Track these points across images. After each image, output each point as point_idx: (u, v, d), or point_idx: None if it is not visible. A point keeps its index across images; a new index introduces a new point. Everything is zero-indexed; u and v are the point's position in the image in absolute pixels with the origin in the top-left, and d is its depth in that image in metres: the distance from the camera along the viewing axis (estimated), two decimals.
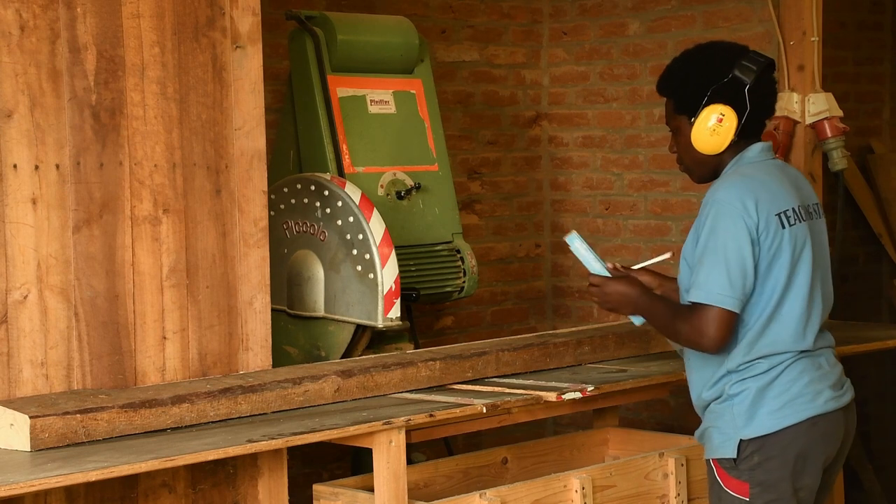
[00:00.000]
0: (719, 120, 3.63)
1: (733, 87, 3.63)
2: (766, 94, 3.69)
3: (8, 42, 3.51)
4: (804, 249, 3.62)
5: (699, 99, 3.66)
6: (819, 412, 3.59)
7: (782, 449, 3.56)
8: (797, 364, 3.60)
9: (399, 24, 5.20)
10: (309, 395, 3.82)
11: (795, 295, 3.60)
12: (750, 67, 3.64)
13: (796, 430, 3.56)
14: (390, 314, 4.48)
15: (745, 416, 3.58)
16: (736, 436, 3.58)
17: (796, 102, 5.54)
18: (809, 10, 5.50)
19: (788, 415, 3.56)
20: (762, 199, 3.57)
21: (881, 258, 6.86)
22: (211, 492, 3.75)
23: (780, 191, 3.63)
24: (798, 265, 3.61)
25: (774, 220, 3.57)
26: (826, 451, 3.64)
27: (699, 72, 3.70)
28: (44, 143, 3.57)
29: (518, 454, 4.44)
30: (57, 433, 3.34)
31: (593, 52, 6.66)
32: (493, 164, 6.54)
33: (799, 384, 3.59)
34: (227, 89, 3.91)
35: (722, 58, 3.69)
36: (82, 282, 3.63)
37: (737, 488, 3.60)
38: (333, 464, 5.56)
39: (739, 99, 3.63)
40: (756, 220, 3.53)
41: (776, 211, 3.58)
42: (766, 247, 3.55)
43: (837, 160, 5.58)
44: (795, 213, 3.62)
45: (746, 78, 3.63)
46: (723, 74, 3.65)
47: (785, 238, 3.58)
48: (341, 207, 4.55)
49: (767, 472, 3.57)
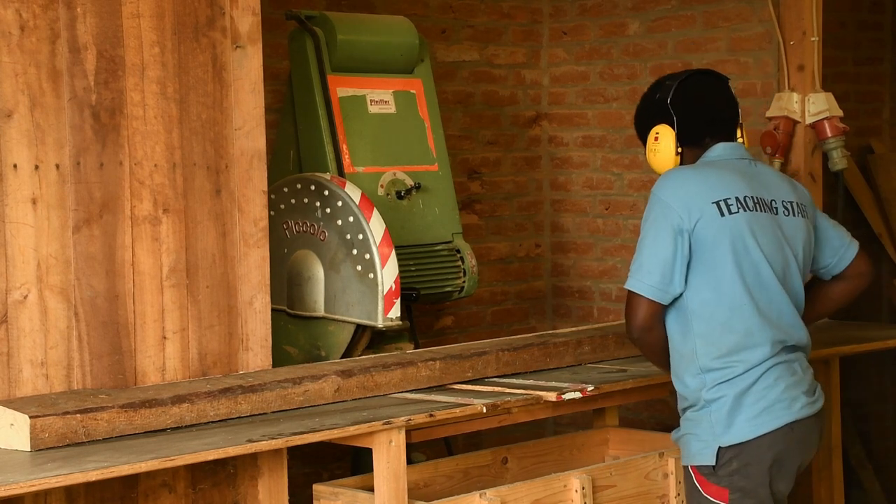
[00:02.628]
0: (655, 138, 3.85)
1: (659, 105, 3.85)
2: (690, 99, 3.84)
3: (8, 42, 3.51)
4: (761, 237, 3.67)
5: (646, 126, 3.91)
6: (795, 418, 3.65)
7: (760, 455, 3.62)
8: (773, 371, 3.65)
9: (399, 24, 5.20)
10: (309, 394, 3.82)
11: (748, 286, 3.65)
12: (668, 85, 3.86)
13: (773, 437, 3.62)
14: (390, 314, 4.48)
15: (723, 424, 3.63)
16: (715, 443, 3.63)
17: (796, 102, 5.54)
18: (809, 10, 5.50)
19: (766, 421, 3.62)
20: (698, 189, 3.66)
21: (881, 258, 6.85)
22: (211, 492, 3.75)
23: (723, 181, 3.70)
24: (751, 253, 3.65)
25: (712, 208, 3.64)
26: (801, 456, 3.71)
27: (641, 104, 3.97)
28: (44, 143, 3.57)
29: (518, 454, 4.44)
30: (57, 433, 3.34)
31: (593, 52, 6.66)
32: (493, 164, 6.54)
33: (776, 390, 3.64)
34: (227, 89, 3.91)
35: (652, 89, 3.94)
36: (82, 282, 3.63)
37: (716, 494, 3.66)
38: (333, 464, 5.56)
39: (666, 113, 3.83)
40: (689, 212, 3.62)
41: (714, 198, 3.65)
42: (703, 234, 3.62)
43: (837, 160, 5.58)
44: (741, 201, 3.68)
45: (664, 94, 3.84)
46: (651, 101, 3.90)
47: (725, 225, 3.64)
48: (341, 207, 4.55)
49: (746, 477, 3.62)
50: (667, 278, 3.62)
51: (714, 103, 3.88)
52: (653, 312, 3.65)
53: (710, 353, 3.64)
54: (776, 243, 3.71)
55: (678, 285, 3.63)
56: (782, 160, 5.62)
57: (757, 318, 3.64)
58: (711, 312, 3.63)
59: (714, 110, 3.88)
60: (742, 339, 3.63)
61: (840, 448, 5.44)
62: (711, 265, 3.63)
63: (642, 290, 3.63)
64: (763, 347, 3.64)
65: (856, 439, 6.22)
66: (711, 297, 3.63)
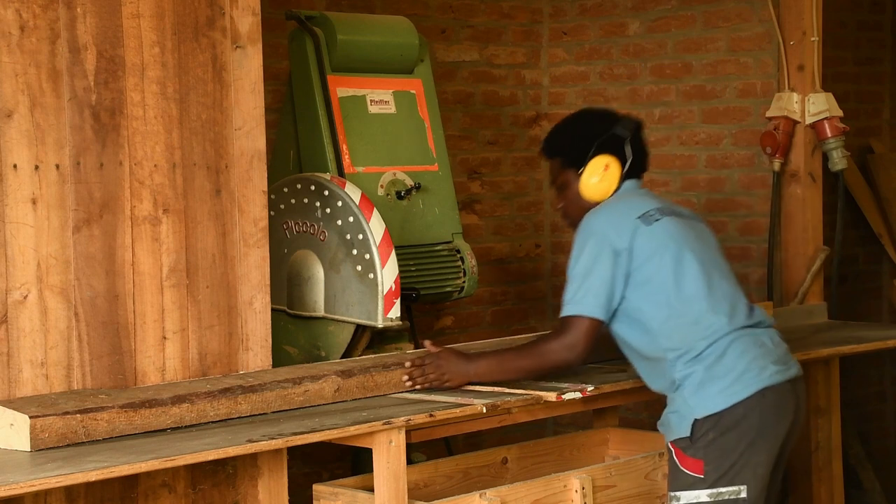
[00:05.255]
0: (605, 168, 4.05)
1: (615, 140, 4.08)
2: (641, 149, 4.15)
3: (8, 42, 3.51)
4: (685, 236, 3.95)
5: (586, 152, 4.07)
6: (766, 384, 3.81)
7: (735, 423, 3.77)
8: (738, 342, 3.85)
9: (399, 24, 5.20)
10: (309, 395, 3.82)
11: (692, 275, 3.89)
12: (627, 125, 4.12)
13: (747, 404, 3.78)
14: (390, 314, 4.48)
15: (696, 397, 3.81)
16: (690, 416, 3.81)
17: (796, 102, 5.54)
18: (809, 10, 5.51)
19: (739, 390, 3.79)
20: (622, 212, 3.96)
21: (881, 258, 6.86)
22: (211, 492, 3.75)
23: (638, 202, 4.00)
24: (682, 253, 3.91)
25: (638, 222, 3.92)
26: (778, 423, 3.83)
27: (583, 130, 4.14)
28: (44, 143, 3.57)
29: (518, 454, 4.44)
30: (57, 433, 3.34)
31: (593, 52, 6.66)
32: (493, 164, 6.54)
33: (745, 360, 3.83)
34: (227, 89, 3.91)
35: (601, 118, 4.18)
36: (82, 282, 3.63)
37: (692, 466, 3.81)
38: (333, 464, 5.56)
39: (621, 150, 4.08)
40: (621, 233, 3.89)
41: (637, 214, 3.93)
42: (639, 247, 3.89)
43: (837, 160, 5.58)
44: (658, 210, 3.97)
45: (625, 133, 4.08)
46: (605, 131, 4.09)
47: (654, 232, 3.91)
48: (341, 207, 4.55)
49: (721, 447, 3.77)
50: (610, 298, 3.88)
51: (647, 155, 4.21)
52: (599, 332, 3.91)
53: (674, 345, 3.86)
54: (699, 239, 4.01)
55: (616, 302, 3.90)
56: (782, 160, 5.63)
57: (707, 301, 3.88)
58: (667, 312, 3.88)
59: (647, 162, 4.20)
60: (699, 321, 3.85)
61: (840, 448, 5.44)
62: (656, 270, 3.88)
63: (592, 312, 3.87)
64: (720, 321, 3.86)
65: (856, 439, 6.22)
66: (663, 298, 3.88)
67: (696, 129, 6.36)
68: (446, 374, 3.99)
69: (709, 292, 3.89)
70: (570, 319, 3.89)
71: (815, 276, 5.62)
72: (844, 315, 5.88)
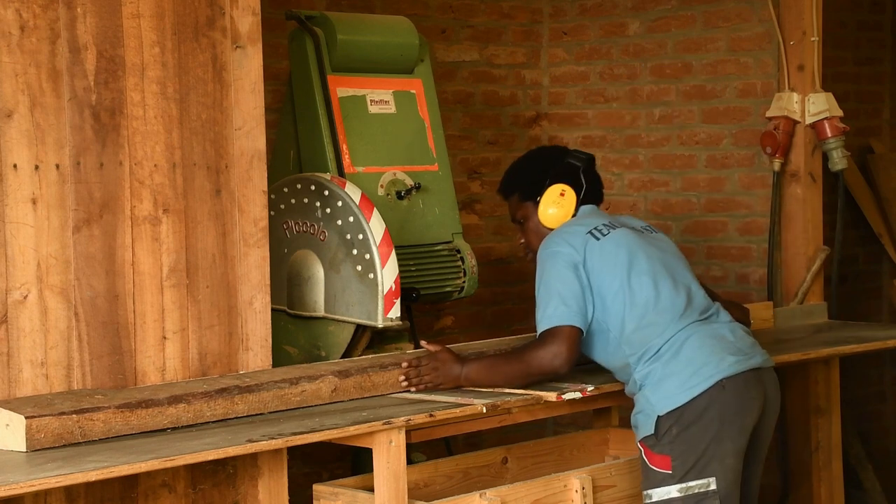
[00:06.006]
0: (562, 194, 4.20)
1: (569, 169, 4.25)
2: (595, 179, 4.30)
3: (8, 42, 3.51)
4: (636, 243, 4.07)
5: (542, 182, 4.23)
6: (725, 375, 3.87)
7: (697, 416, 3.84)
8: (694, 336, 3.93)
9: (399, 24, 5.20)
10: (306, 395, 3.82)
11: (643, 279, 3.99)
12: (579, 156, 4.29)
13: (707, 396, 3.85)
14: (390, 314, 4.48)
15: (657, 394, 3.89)
16: (653, 413, 3.87)
17: (796, 102, 5.54)
18: (809, 10, 5.51)
19: (697, 384, 3.86)
20: (573, 230, 4.09)
21: (881, 258, 6.86)
22: (211, 492, 3.75)
23: (587, 221, 4.14)
24: (633, 261, 4.01)
25: (588, 237, 4.05)
26: (743, 413, 3.89)
27: (537, 163, 4.31)
28: (44, 143, 3.57)
29: (518, 454, 4.44)
30: (53, 433, 3.33)
31: (593, 52, 6.66)
32: (493, 164, 6.54)
33: (702, 353, 3.90)
34: (227, 89, 3.91)
35: (553, 153, 4.36)
36: (82, 282, 3.63)
37: (660, 463, 3.87)
38: (333, 464, 5.56)
39: (576, 178, 4.23)
40: (575, 247, 4.02)
41: (586, 230, 4.07)
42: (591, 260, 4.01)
43: (837, 160, 5.58)
44: (607, 226, 4.10)
45: (578, 163, 4.25)
46: (558, 161, 4.27)
47: (604, 245, 4.03)
48: (341, 207, 4.54)
49: (686, 441, 3.84)
50: (582, 307, 3.98)
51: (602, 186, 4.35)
52: (578, 340, 3.98)
53: (633, 350, 3.95)
54: (651, 244, 4.12)
55: (590, 313, 4.00)
56: (782, 160, 5.63)
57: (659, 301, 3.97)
58: (624, 320, 3.97)
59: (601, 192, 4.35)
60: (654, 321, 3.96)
61: (840, 448, 5.44)
62: (609, 281, 3.99)
63: (569, 321, 3.96)
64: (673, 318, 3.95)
65: (856, 439, 6.22)
66: (619, 308, 3.98)
67: (696, 129, 6.36)
68: (440, 378, 4.04)
69: (659, 292, 3.99)
70: (547, 332, 4.00)
71: (815, 276, 5.62)
72: (844, 315, 5.88)
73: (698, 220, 6.35)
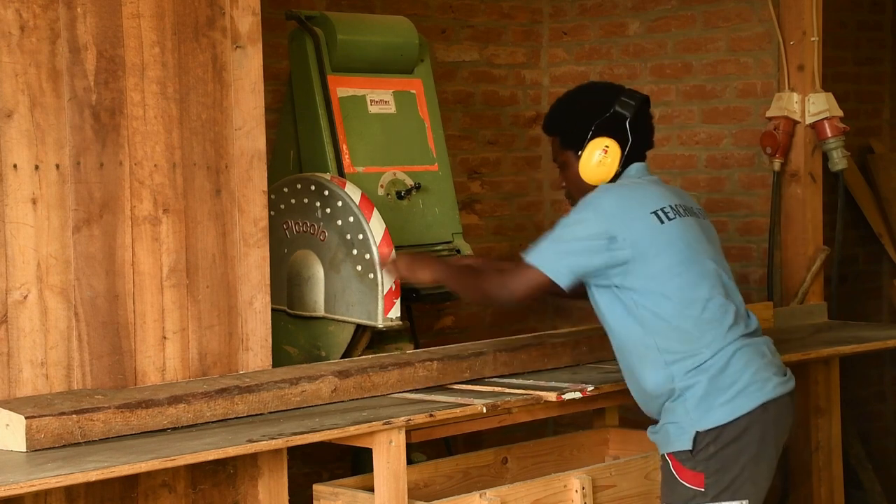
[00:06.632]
0: (605, 151, 3.92)
1: (615, 121, 3.94)
2: (646, 127, 4.02)
3: (8, 42, 3.51)
4: (697, 238, 3.84)
5: (584, 134, 3.94)
6: (769, 397, 3.74)
7: (736, 437, 3.69)
8: (742, 352, 3.75)
9: (399, 24, 5.20)
10: (306, 395, 3.82)
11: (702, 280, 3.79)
12: (629, 103, 3.95)
13: (749, 418, 3.70)
14: (390, 314, 4.48)
15: (699, 409, 3.71)
16: (692, 428, 3.71)
17: (796, 102, 5.54)
18: (809, 10, 5.51)
19: (742, 404, 3.71)
20: (637, 202, 3.82)
21: (881, 258, 6.86)
22: (211, 492, 3.75)
23: (654, 194, 3.87)
24: (694, 251, 3.81)
25: (651, 217, 3.78)
26: (778, 435, 3.78)
27: (582, 109, 4.00)
28: (44, 143, 3.57)
29: (518, 454, 4.44)
30: (53, 434, 3.33)
31: (593, 52, 6.66)
32: (493, 164, 6.54)
33: (748, 372, 3.74)
34: (227, 89, 3.91)
35: (603, 95, 4.01)
36: (82, 282, 3.63)
37: (692, 479, 3.72)
38: (333, 464, 5.56)
39: (621, 132, 3.93)
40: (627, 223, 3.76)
41: (651, 209, 3.80)
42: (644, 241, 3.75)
43: (837, 160, 5.58)
44: (674, 209, 3.84)
45: (627, 112, 3.94)
46: (604, 110, 3.95)
47: (667, 230, 3.78)
48: (341, 207, 4.54)
49: (722, 460, 3.69)
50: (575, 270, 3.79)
51: (652, 132, 4.07)
52: (542, 291, 3.86)
53: (671, 347, 3.75)
54: (708, 242, 3.90)
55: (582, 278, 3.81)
56: (782, 160, 5.63)
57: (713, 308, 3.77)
58: (669, 314, 3.75)
59: (652, 139, 4.07)
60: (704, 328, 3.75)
61: (840, 448, 5.44)
62: (661, 268, 3.76)
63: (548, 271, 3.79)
64: (724, 329, 3.75)
65: (856, 439, 6.22)
66: (666, 299, 3.75)
67: (696, 129, 6.36)
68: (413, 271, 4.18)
69: (713, 298, 3.78)
70: (525, 266, 3.85)
71: (815, 276, 5.62)
72: (844, 315, 5.88)
73: None
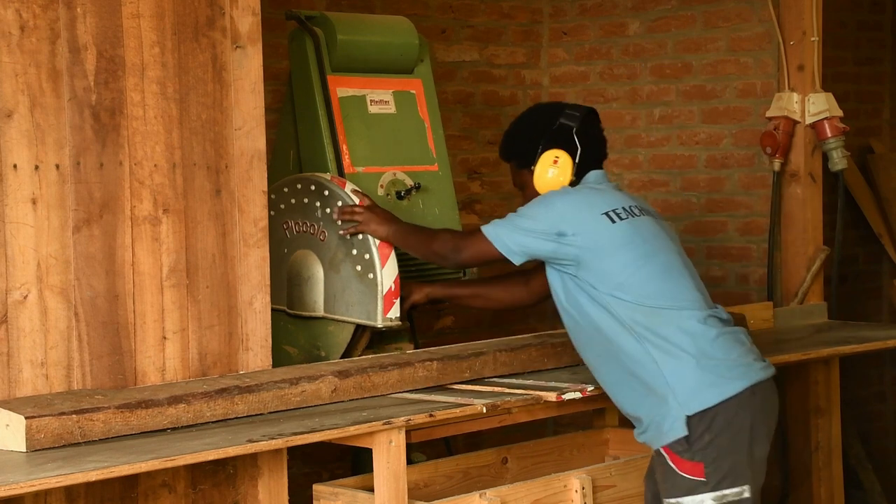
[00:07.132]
0: (555, 162, 4.05)
1: (562, 133, 4.10)
2: (595, 137, 4.17)
3: (8, 42, 3.51)
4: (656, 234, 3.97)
5: (535, 150, 4.11)
6: (756, 380, 3.79)
7: (729, 422, 3.72)
8: (724, 338, 3.82)
9: (399, 24, 5.20)
10: (306, 395, 3.82)
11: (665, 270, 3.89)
12: (574, 115, 4.13)
13: (739, 401, 3.75)
14: (390, 314, 4.48)
15: (687, 393, 3.74)
16: (682, 413, 3.73)
17: (796, 102, 5.54)
18: (809, 10, 5.51)
19: (730, 386, 3.76)
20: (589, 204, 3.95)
21: (881, 258, 6.86)
22: (211, 492, 3.75)
23: (608, 197, 4.00)
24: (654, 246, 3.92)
25: (603, 218, 3.91)
26: (767, 420, 3.82)
27: (530, 128, 4.18)
28: (44, 143, 3.57)
29: (518, 454, 4.44)
30: (53, 434, 3.33)
31: (593, 52, 6.66)
32: (493, 164, 6.54)
33: (732, 355, 3.81)
34: (227, 89, 3.91)
35: (547, 112, 4.19)
36: (82, 282, 3.64)
37: (691, 470, 3.74)
38: (333, 464, 5.56)
39: (570, 142, 4.08)
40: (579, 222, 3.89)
41: (603, 210, 3.93)
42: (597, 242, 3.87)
43: (837, 160, 5.58)
44: (627, 210, 3.96)
45: (572, 123, 4.10)
46: (551, 124, 4.12)
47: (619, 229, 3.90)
48: (341, 207, 4.54)
49: (719, 447, 3.72)
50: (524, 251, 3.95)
51: (604, 142, 4.21)
52: (486, 260, 4.08)
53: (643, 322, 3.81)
54: (669, 238, 4.02)
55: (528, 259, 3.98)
56: (782, 160, 5.63)
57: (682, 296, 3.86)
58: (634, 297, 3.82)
59: (604, 149, 4.21)
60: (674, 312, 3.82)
61: (840, 448, 5.45)
62: (621, 265, 3.85)
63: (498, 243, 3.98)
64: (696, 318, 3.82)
65: (856, 439, 6.22)
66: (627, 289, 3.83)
67: (696, 129, 6.36)
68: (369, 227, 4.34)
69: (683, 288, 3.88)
70: (480, 235, 4.02)
71: (815, 276, 5.62)
72: (844, 315, 5.88)
73: (698, 220, 6.35)
